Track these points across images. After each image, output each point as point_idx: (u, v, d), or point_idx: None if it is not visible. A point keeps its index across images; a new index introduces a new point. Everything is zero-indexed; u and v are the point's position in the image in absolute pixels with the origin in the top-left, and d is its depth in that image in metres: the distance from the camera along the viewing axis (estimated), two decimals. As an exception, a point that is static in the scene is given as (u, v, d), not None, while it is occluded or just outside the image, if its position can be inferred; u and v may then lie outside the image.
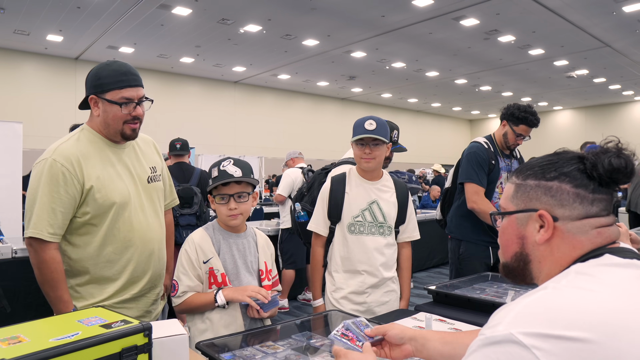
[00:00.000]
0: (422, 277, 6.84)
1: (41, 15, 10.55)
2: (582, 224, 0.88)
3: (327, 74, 17.03)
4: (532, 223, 0.92)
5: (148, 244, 1.87)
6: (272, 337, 1.69)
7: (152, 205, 1.93)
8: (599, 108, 23.06)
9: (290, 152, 5.42)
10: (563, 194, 0.89)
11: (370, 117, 2.20)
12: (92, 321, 1.17)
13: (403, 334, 1.19)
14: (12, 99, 13.18)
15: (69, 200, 1.70)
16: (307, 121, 20.23)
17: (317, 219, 2.30)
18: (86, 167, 1.74)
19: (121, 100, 1.74)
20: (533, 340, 0.71)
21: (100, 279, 1.79)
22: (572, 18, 11.00)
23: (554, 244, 0.90)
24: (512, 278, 1.00)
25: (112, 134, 1.81)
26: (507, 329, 0.74)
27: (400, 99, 21.83)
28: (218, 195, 1.85)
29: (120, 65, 1.77)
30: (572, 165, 0.90)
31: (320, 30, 11.95)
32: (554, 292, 0.79)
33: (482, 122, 28.16)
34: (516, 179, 0.97)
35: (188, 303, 1.83)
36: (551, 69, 15.83)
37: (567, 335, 0.71)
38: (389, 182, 2.33)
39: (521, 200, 0.94)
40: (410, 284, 2.47)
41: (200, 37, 12.34)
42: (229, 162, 1.86)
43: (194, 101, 17.17)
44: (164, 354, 1.24)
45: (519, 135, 3.01)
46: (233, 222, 1.88)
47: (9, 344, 1.02)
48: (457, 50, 13.73)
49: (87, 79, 1.78)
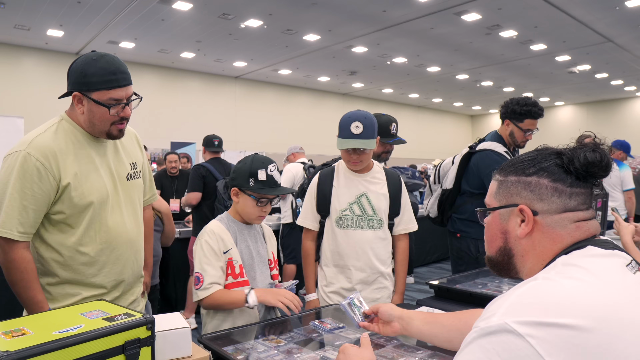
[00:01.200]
0: (423, 272, 6.86)
1: (42, 10, 10.52)
2: (560, 218, 0.91)
3: (328, 69, 16.99)
4: (513, 218, 0.95)
5: (125, 246, 1.76)
6: (275, 330, 1.69)
7: (130, 204, 1.81)
8: (601, 104, 23.01)
9: (291, 147, 5.42)
10: (542, 189, 0.92)
11: (357, 115, 2.12)
12: (95, 314, 1.17)
13: (392, 312, 1.34)
14: (13, 94, 13.18)
15: (43, 198, 1.57)
16: (308, 116, 20.20)
17: (305, 214, 2.29)
18: (63, 163, 1.60)
19: (109, 102, 1.60)
20: (527, 328, 0.73)
21: (74, 281, 1.67)
22: (575, 13, 10.95)
23: (535, 238, 0.93)
24: (497, 271, 1.02)
25: (96, 133, 1.68)
26: (501, 319, 0.75)
27: (401, 94, 21.79)
28: (261, 198, 1.87)
29: (108, 62, 1.60)
30: (550, 161, 0.93)
31: (321, 25, 11.91)
32: (545, 282, 0.81)
33: (483, 117, 28.10)
34: (499, 176, 1.00)
35: (215, 299, 1.79)
36: (553, 64, 15.77)
37: (560, 322, 0.72)
38: (380, 174, 2.29)
39: (503, 196, 0.97)
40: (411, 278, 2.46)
41: (201, 32, 12.31)
42: (275, 166, 1.89)
43: (194, 96, 17.15)
44: (167, 347, 1.25)
45: (527, 131, 2.88)
46: (258, 221, 1.96)
47: (12, 336, 1.02)
48: (458, 46, 13.68)
49: (71, 73, 1.62)
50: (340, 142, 2.12)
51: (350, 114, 2.15)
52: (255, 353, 1.45)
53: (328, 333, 1.61)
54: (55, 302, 1.67)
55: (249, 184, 1.86)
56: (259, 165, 1.86)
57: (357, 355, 1.07)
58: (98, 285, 1.70)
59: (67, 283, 1.67)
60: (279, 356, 1.42)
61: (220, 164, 4.52)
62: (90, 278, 1.69)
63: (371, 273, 2.22)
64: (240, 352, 1.46)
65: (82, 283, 1.68)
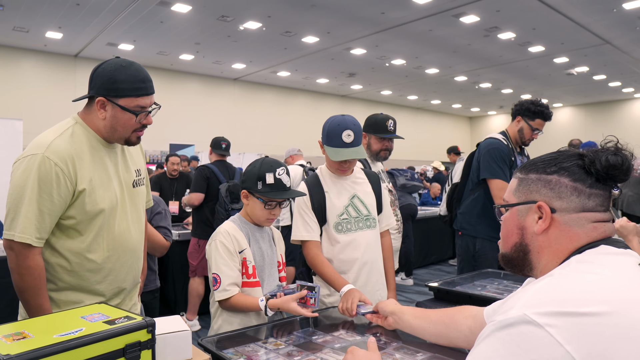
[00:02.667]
0: (422, 273, 6.86)
1: (40, 12, 10.52)
2: (578, 217, 0.92)
3: (326, 71, 17.01)
4: (531, 214, 0.96)
5: (130, 253, 1.76)
6: (274, 333, 1.70)
7: (136, 212, 1.81)
8: (599, 105, 23.06)
9: (289, 150, 5.42)
10: (561, 187, 0.93)
11: (345, 122, 2.08)
12: (95, 317, 1.18)
13: (386, 308, 1.53)
14: (12, 96, 13.17)
15: (60, 203, 1.56)
16: (307, 118, 20.21)
17: (308, 226, 2.16)
18: (80, 168, 1.59)
19: (136, 109, 1.61)
20: (546, 318, 0.74)
21: (78, 287, 1.66)
22: (573, 15, 10.99)
23: (552, 235, 0.94)
24: (510, 268, 1.04)
25: (115, 139, 1.68)
26: (520, 311, 0.77)
27: (400, 96, 21.81)
28: (269, 201, 1.88)
29: (137, 70, 1.62)
30: (572, 161, 0.94)
31: (320, 27, 11.92)
32: (561, 277, 0.83)
33: (482, 119, 28.15)
34: (520, 173, 1.02)
35: (234, 303, 1.80)
36: (551, 66, 15.81)
37: (579, 311, 0.74)
38: (361, 174, 2.30)
39: (522, 193, 0.99)
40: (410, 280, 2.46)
41: (200, 34, 12.32)
42: (283, 170, 1.89)
43: (193, 98, 17.16)
44: (167, 350, 1.25)
45: (535, 130, 3.03)
46: (268, 224, 1.97)
47: (13, 339, 1.02)
48: (457, 47, 13.71)
49: (98, 78, 1.61)
50: (333, 152, 2.08)
51: (339, 121, 2.09)
52: (255, 356, 1.45)
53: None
54: (58, 309, 1.64)
55: (257, 187, 1.87)
56: (267, 168, 1.87)
57: (366, 357, 1.08)
58: (101, 292, 1.70)
59: (70, 290, 1.66)
60: (278, 359, 1.42)
61: (225, 167, 4.53)
62: (95, 285, 1.67)
63: (375, 272, 2.21)
64: (240, 355, 1.46)
65: (85, 290, 1.67)
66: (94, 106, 1.63)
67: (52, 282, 1.64)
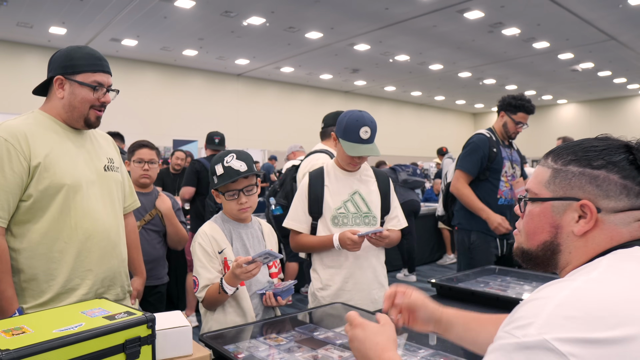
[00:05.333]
0: (425, 270, 6.85)
1: (44, 8, 10.53)
2: (625, 216, 0.83)
3: (330, 67, 16.96)
4: (570, 212, 0.86)
5: (100, 235, 1.69)
6: (275, 329, 1.69)
7: (109, 195, 1.77)
8: (603, 102, 22.92)
9: (292, 146, 5.44)
10: (610, 185, 0.83)
11: (363, 119, 2.10)
12: (95, 312, 1.17)
13: (431, 316, 1.20)
14: (15, 91, 13.19)
15: (14, 179, 1.53)
16: (310, 114, 20.16)
17: (296, 215, 2.21)
18: (33, 144, 1.58)
19: (94, 84, 1.66)
20: (570, 347, 0.66)
21: (44, 272, 1.59)
22: (578, 10, 10.90)
23: (590, 234, 0.85)
24: (531, 265, 0.94)
25: (74, 119, 1.69)
26: (540, 334, 0.68)
27: (403, 92, 21.74)
28: (227, 192, 1.85)
29: (92, 50, 1.71)
30: (621, 155, 0.84)
31: (323, 23, 11.88)
32: (586, 287, 0.74)
33: (485, 115, 28.04)
34: (553, 163, 0.90)
35: (207, 299, 1.81)
36: (556, 62, 15.71)
37: (605, 337, 0.66)
38: (369, 172, 2.30)
39: (560, 187, 0.87)
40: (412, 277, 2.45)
41: (204, 29, 12.30)
42: (232, 156, 1.84)
43: (197, 94, 17.14)
44: (168, 346, 1.25)
45: (519, 123, 3.19)
46: (244, 215, 1.92)
47: (12, 334, 1.02)
48: (461, 43, 13.63)
49: (54, 60, 1.68)
50: (350, 146, 2.10)
51: (357, 116, 2.11)
52: (256, 352, 1.45)
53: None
54: (23, 297, 1.58)
55: (214, 182, 1.86)
56: (216, 161, 1.86)
57: (380, 332, 1.00)
58: (67, 278, 1.62)
59: (34, 280, 1.59)
60: (280, 355, 1.42)
61: None
62: (62, 268, 1.61)
63: (368, 270, 2.20)
64: (241, 351, 1.45)
65: (53, 275, 1.60)
66: (53, 91, 1.69)
67: (14, 269, 1.58)
